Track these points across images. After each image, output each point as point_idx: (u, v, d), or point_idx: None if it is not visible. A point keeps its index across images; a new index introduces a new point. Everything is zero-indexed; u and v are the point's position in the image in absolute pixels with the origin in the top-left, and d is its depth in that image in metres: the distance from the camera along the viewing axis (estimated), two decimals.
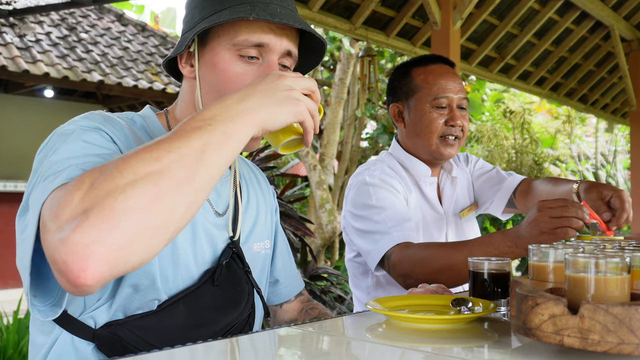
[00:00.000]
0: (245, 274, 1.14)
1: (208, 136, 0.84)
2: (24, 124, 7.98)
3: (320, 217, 6.61)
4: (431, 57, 1.91)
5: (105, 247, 0.74)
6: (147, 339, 0.98)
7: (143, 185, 0.77)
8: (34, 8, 6.30)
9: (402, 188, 1.82)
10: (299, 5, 3.91)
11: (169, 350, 0.85)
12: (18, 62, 6.56)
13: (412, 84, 1.86)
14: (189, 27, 1.10)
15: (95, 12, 9.16)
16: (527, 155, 10.68)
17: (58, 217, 0.76)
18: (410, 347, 0.89)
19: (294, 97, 0.94)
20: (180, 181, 0.80)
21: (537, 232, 1.42)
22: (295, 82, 0.95)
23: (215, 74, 1.08)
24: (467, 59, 5.39)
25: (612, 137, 14.17)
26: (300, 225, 3.37)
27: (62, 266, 0.74)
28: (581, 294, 0.79)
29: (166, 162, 0.80)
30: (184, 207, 0.81)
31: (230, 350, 0.89)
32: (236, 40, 1.06)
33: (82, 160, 0.90)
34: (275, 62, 1.09)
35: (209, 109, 0.89)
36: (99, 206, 0.75)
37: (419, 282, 1.58)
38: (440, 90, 1.81)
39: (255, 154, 3.47)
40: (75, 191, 0.77)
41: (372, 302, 1.10)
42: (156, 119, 1.15)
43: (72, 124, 1.00)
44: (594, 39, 6.16)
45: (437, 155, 1.84)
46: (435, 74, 1.84)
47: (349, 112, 7.40)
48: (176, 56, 1.14)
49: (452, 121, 1.80)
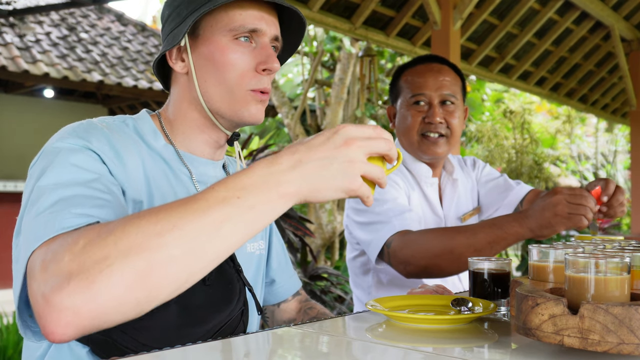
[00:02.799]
0: (236, 272, 1.14)
1: (230, 210, 0.78)
2: (24, 124, 7.98)
3: (320, 217, 6.61)
4: (422, 58, 1.91)
5: (79, 317, 0.75)
6: (140, 340, 0.98)
7: (134, 261, 0.75)
8: (34, 8, 6.30)
9: (404, 184, 1.82)
10: (299, 5, 3.92)
11: (168, 350, 0.85)
12: (18, 62, 6.56)
13: (398, 86, 1.87)
14: (178, 24, 1.10)
15: (95, 12, 9.16)
16: (527, 155, 10.69)
17: (46, 270, 0.77)
18: (410, 347, 0.89)
19: (352, 174, 0.82)
20: (180, 259, 0.76)
21: (550, 215, 1.43)
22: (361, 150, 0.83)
23: (213, 62, 1.09)
24: (467, 59, 5.39)
25: (612, 137, 14.18)
26: (300, 225, 3.38)
27: (38, 317, 0.76)
28: (581, 294, 0.79)
29: (168, 239, 0.76)
30: (177, 284, 0.78)
31: (230, 350, 0.89)
32: (232, 25, 1.09)
33: (71, 193, 0.89)
34: (268, 44, 1.12)
35: (248, 173, 0.81)
36: (83, 275, 0.74)
37: (420, 269, 1.57)
38: (416, 88, 1.80)
39: (255, 153, 3.47)
40: (67, 250, 0.77)
41: (372, 302, 1.10)
42: (150, 120, 1.15)
43: (61, 141, 0.98)
44: (594, 39, 6.16)
45: (422, 153, 1.83)
46: (416, 73, 1.83)
47: (348, 112, 7.40)
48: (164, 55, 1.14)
49: (429, 118, 1.79)
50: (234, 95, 1.10)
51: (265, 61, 1.10)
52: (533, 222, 1.46)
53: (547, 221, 1.43)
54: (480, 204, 2.03)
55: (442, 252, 1.53)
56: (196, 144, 1.16)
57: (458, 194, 1.94)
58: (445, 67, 1.86)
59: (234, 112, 1.12)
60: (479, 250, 1.49)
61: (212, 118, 1.14)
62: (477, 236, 1.50)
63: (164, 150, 1.12)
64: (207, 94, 1.11)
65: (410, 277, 1.62)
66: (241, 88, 1.10)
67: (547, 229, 1.45)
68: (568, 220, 1.42)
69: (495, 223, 1.52)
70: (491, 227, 1.51)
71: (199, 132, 1.16)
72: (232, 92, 1.10)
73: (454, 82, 1.84)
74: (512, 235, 1.48)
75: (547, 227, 1.45)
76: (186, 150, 1.16)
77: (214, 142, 1.18)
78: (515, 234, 1.48)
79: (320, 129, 7.21)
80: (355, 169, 0.82)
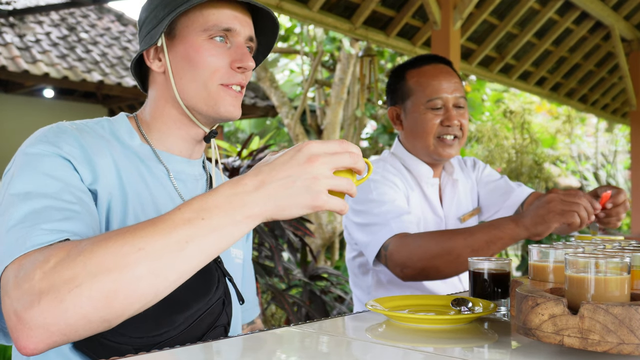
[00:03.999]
0: (215, 263, 1.14)
1: (195, 231, 0.82)
2: (24, 124, 7.98)
3: (320, 217, 6.61)
4: (425, 57, 1.90)
5: (49, 334, 0.80)
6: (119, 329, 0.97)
7: (101, 282, 0.79)
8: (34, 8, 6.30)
9: (403, 186, 1.82)
10: (299, 6, 3.92)
11: (168, 350, 0.85)
12: (18, 62, 6.56)
13: (406, 87, 1.85)
14: (154, 25, 1.13)
15: (95, 12, 9.16)
16: (527, 155, 10.68)
17: (19, 287, 0.82)
18: (411, 347, 0.89)
19: (316, 191, 0.83)
20: (146, 278, 0.81)
21: (544, 211, 1.45)
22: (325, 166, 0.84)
23: (188, 60, 1.12)
24: (467, 59, 5.39)
25: (612, 137, 14.17)
26: (300, 225, 3.38)
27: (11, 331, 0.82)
28: (581, 294, 0.79)
29: (134, 259, 0.80)
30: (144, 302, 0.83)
31: (229, 349, 0.89)
32: (206, 25, 1.12)
33: (41, 205, 0.91)
34: (243, 44, 1.15)
35: (213, 195, 0.84)
36: (53, 294, 0.79)
37: (417, 271, 1.58)
38: (433, 91, 1.80)
39: (255, 154, 3.47)
40: (38, 268, 0.82)
41: (372, 302, 1.10)
42: (126, 121, 1.17)
43: (31, 147, 1.00)
44: (594, 39, 6.16)
45: (436, 156, 1.83)
46: (428, 75, 1.83)
47: (348, 112, 7.40)
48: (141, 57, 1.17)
49: (448, 121, 1.79)
50: (208, 90, 1.13)
51: (240, 59, 1.13)
52: (528, 220, 1.48)
53: (541, 218, 1.45)
54: (480, 204, 2.03)
55: (440, 253, 1.54)
56: (172, 141, 1.18)
57: (458, 194, 1.94)
58: (450, 69, 1.87)
59: (209, 107, 1.14)
60: (477, 251, 1.50)
61: (189, 114, 1.16)
62: (475, 236, 1.51)
63: (140, 149, 1.14)
64: (184, 92, 1.14)
65: (407, 279, 1.61)
66: (213, 83, 1.13)
67: (541, 226, 1.46)
68: (561, 216, 1.44)
69: (492, 224, 1.54)
70: (488, 228, 1.52)
71: (176, 128, 1.18)
72: (206, 88, 1.13)
73: (460, 83, 1.86)
74: (508, 234, 1.49)
75: (541, 224, 1.46)
76: (163, 149, 1.17)
77: (191, 139, 1.19)
78: (511, 233, 1.49)
79: (321, 129, 7.20)
80: (320, 185, 0.83)
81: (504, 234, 1.49)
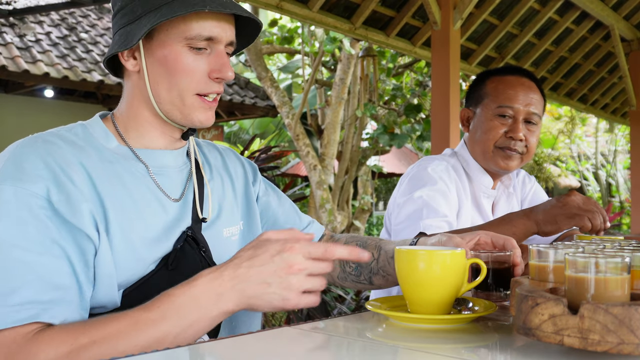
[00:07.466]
0: (200, 253, 1.14)
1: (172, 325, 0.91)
2: (24, 124, 7.98)
3: (321, 217, 6.61)
4: (512, 68, 1.88)
5: None
6: None
7: None
8: (34, 8, 6.30)
9: (455, 193, 1.79)
10: (299, 6, 3.91)
11: (167, 350, 0.85)
12: (18, 62, 6.56)
13: (483, 91, 1.84)
14: (130, 20, 1.10)
15: (95, 12, 9.16)
16: None
17: None
18: (410, 347, 0.89)
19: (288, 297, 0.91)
20: None
21: (557, 211, 1.45)
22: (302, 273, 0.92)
23: (166, 66, 1.10)
24: (467, 59, 5.39)
25: (612, 137, 14.17)
26: None
27: None
28: (581, 294, 0.79)
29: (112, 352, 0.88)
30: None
31: (229, 349, 0.89)
32: (188, 34, 1.09)
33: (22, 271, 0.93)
34: (223, 51, 1.13)
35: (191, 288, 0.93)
36: None
37: None
38: (506, 99, 1.77)
39: (258, 155, 3.46)
40: None
41: (372, 302, 1.10)
42: (101, 123, 1.15)
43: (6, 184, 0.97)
44: (594, 39, 6.16)
45: (493, 165, 1.81)
46: (507, 83, 1.80)
47: (349, 112, 7.39)
48: None
49: (512, 133, 1.76)
50: (183, 100, 1.12)
51: (219, 70, 1.12)
52: (540, 215, 1.48)
53: (553, 217, 1.45)
54: None
55: None
56: (150, 138, 1.17)
57: (512, 207, 1.93)
58: (534, 85, 1.83)
59: (183, 115, 1.14)
60: None
61: (163, 117, 1.15)
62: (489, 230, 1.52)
63: (117, 150, 1.13)
64: (159, 97, 1.12)
65: None
66: (189, 93, 1.11)
67: (552, 225, 1.47)
68: (572, 219, 1.44)
69: (504, 219, 1.54)
70: (501, 222, 1.53)
71: (152, 128, 1.17)
72: (181, 98, 1.11)
73: (540, 101, 1.82)
74: (520, 228, 1.49)
75: (552, 224, 1.47)
76: (141, 147, 1.16)
77: (168, 137, 1.19)
78: (523, 227, 1.49)
79: (321, 129, 7.20)
80: (292, 292, 0.91)
81: (516, 228, 1.49)
